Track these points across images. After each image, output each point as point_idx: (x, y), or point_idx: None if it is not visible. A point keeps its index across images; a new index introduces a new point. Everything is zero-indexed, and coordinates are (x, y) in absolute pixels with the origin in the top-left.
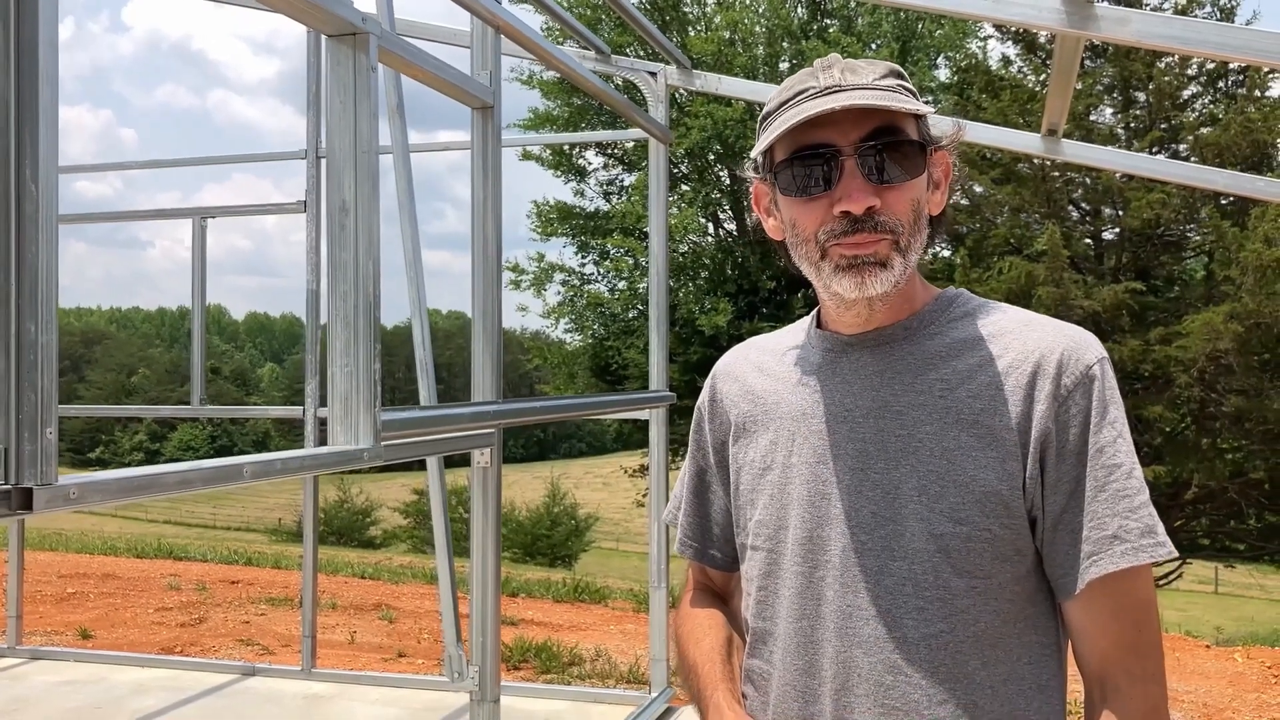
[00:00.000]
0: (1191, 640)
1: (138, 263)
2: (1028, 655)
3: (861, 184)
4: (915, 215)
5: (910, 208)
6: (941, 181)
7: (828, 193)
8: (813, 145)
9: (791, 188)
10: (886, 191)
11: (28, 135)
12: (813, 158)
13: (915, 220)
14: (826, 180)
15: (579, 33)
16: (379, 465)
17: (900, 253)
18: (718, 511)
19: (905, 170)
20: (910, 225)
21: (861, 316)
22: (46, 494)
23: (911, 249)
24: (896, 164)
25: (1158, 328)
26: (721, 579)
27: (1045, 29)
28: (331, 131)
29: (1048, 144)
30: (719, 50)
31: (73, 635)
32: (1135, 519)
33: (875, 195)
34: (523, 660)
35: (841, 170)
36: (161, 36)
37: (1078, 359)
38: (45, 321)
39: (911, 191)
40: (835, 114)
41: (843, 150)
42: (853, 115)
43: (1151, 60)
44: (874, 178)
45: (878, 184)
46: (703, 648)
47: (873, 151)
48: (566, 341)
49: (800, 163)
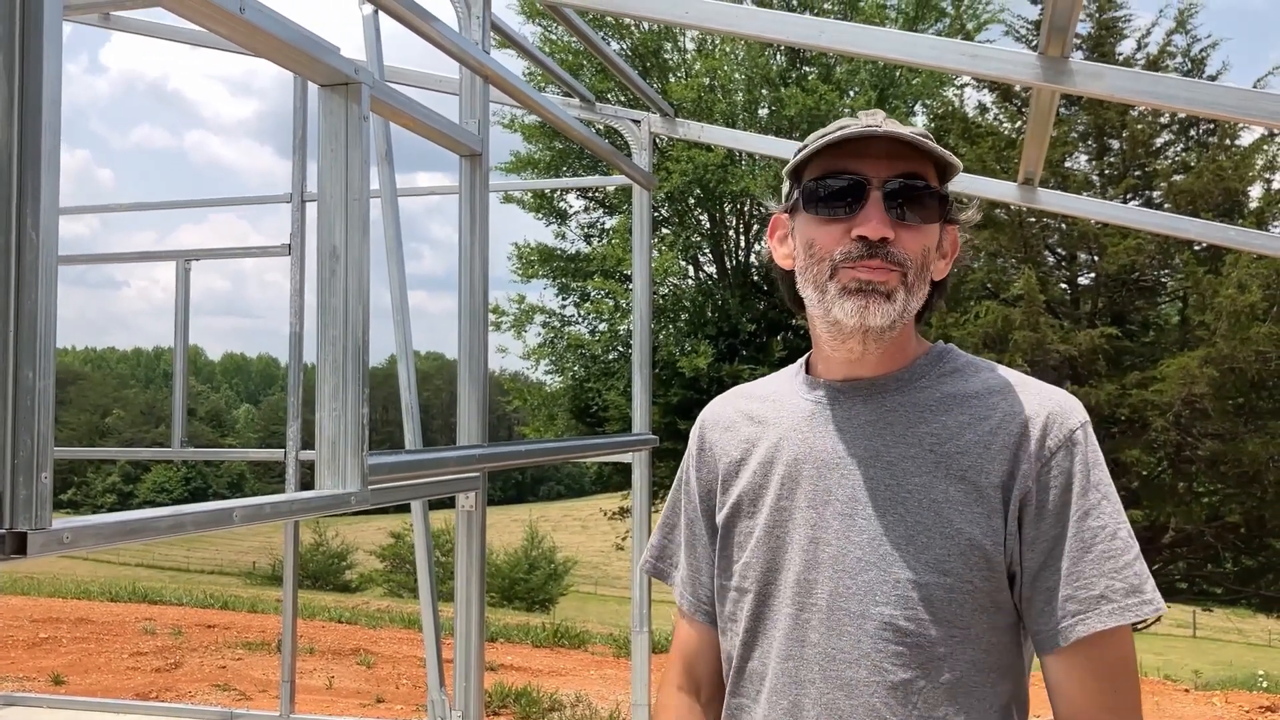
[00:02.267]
0: (1170, 684)
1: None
2: (998, 704)
3: (882, 215)
4: (923, 261)
5: (921, 251)
6: (949, 252)
7: (849, 218)
8: (843, 172)
9: (815, 207)
10: (902, 229)
11: (29, 184)
12: (841, 183)
13: (922, 266)
14: (850, 207)
15: (564, 81)
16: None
17: (906, 289)
18: (705, 562)
19: (921, 215)
20: (918, 267)
21: (855, 353)
22: (41, 538)
23: (915, 291)
24: (915, 207)
25: (1133, 372)
26: (708, 636)
27: (1022, 83)
28: (322, 179)
29: (1024, 192)
30: (699, 96)
31: (45, 681)
32: (1120, 579)
33: (891, 229)
34: (502, 706)
35: (866, 200)
36: (138, 76)
37: (1062, 422)
38: (43, 368)
39: (924, 238)
40: (869, 149)
41: (870, 182)
42: (885, 154)
43: (1125, 109)
44: (893, 214)
45: (895, 220)
46: None
47: (897, 190)
48: (546, 383)
49: (828, 186)
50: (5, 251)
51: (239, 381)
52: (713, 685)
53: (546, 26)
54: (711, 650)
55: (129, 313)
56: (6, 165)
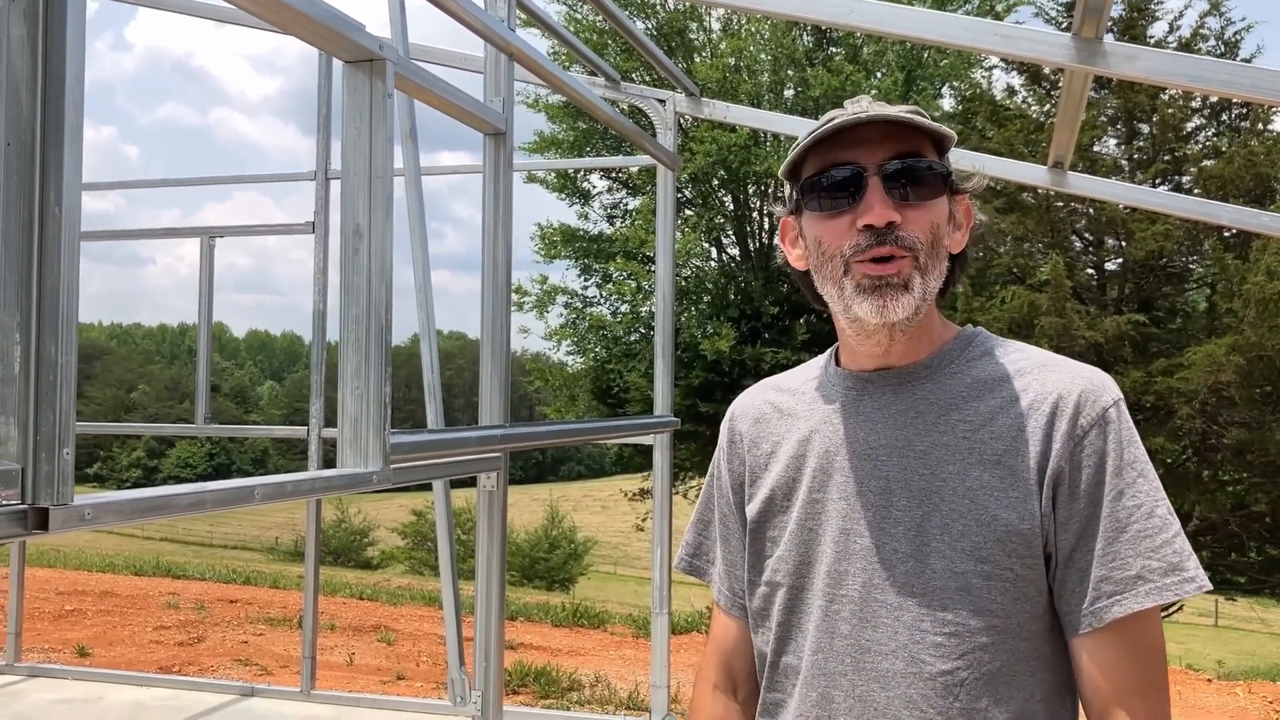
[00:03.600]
0: (1193, 674)
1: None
2: (1040, 692)
3: (883, 199)
4: (934, 239)
5: (930, 229)
6: (964, 223)
7: (851, 209)
8: (839, 164)
9: (817, 205)
10: (907, 210)
11: (52, 158)
12: (838, 175)
13: (934, 244)
14: (851, 197)
15: (590, 60)
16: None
17: (920, 273)
18: (739, 555)
19: (925, 193)
20: (929, 247)
21: (881, 346)
22: (62, 514)
23: (931, 272)
24: (917, 185)
25: (1160, 359)
26: (746, 631)
27: (1054, 65)
28: (346, 156)
29: (1054, 176)
30: (724, 77)
31: (70, 653)
32: (1158, 558)
33: (897, 211)
34: (522, 685)
35: (865, 187)
36: (163, 54)
37: (1095, 400)
38: (65, 343)
39: (931, 214)
40: (861, 136)
41: (867, 169)
42: (878, 138)
43: (1155, 93)
44: (895, 196)
45: (899, 202)
46: None
47: (896, 171)
48: (568, 364)
49: (826, 180)
50: (28, 226)
51: (263, 358)
52: (750, 683)
53: (572, 5)
54: (749, 645)
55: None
56: (30, 140)
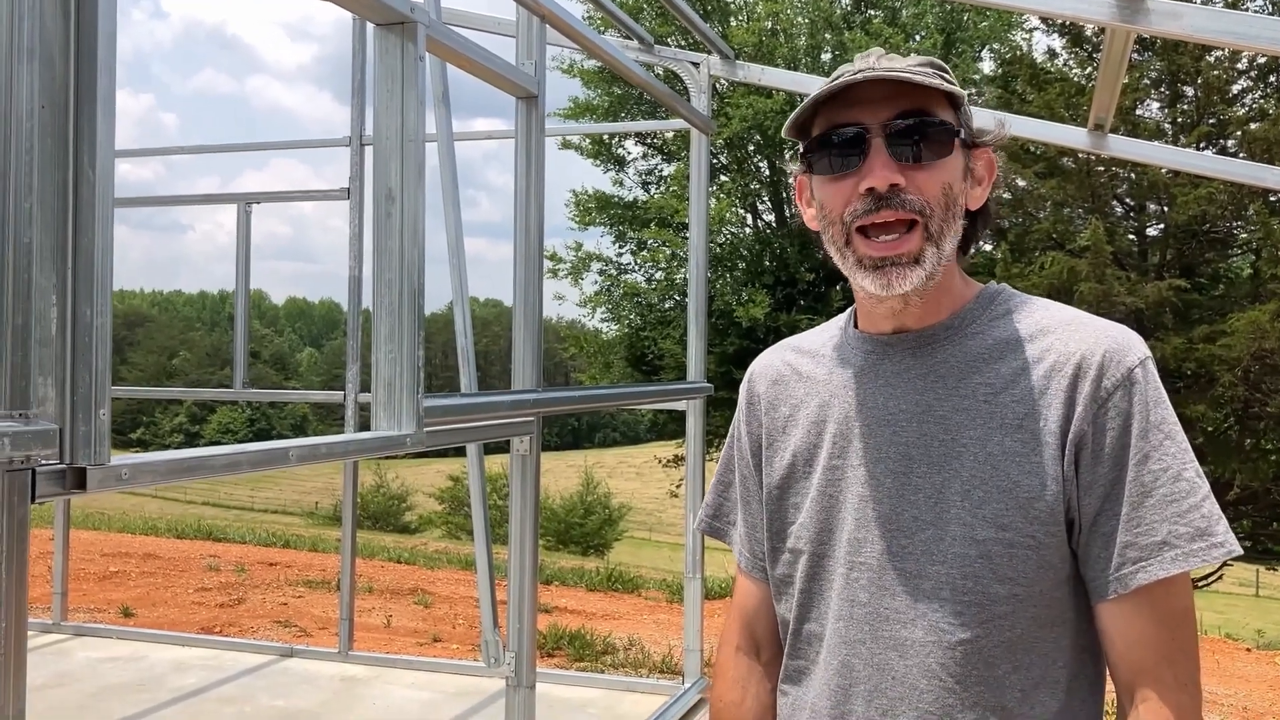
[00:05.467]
0: (1232, 643)
1: (178, 246)
2: (1063, 659)
3: (886, 160)
4: (947, 200)
5: (940, 190)
6: (984, 178)
7: (855, 172)
8: (843, 124)
9: (821, 167)
10: (914, 171)
11: (86, 122)
12: (842, 137)
13: (947, 206)
14: (855, 159)
15: (623, 23)
16: (416, 451)
17: (933, 242)
18: (759, 517)
19: (933, 151)
20: (941, 210)
21: (895, 310)
22: (99, 474)
23: (945, 237)
24: (925, 144)
25: (1202, 326)
26: (768, 593)
27: (1096, 23)
28: (378, 120)
29: (1094, 139)
30: (760, 41)
31: (114, 613)
32: (1184, 523)
33: (901, 174)
34: (556, 648)
35: (869, 149)
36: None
37: (1119, 360)
38: (100, 305)
39: (941, 174)
40: (866, 95)
41: (870, 129)
42: (883, 96)
43: (1200, 54)
44: (902, 157)
45: (906, 163)
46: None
47: (901, 131)
48: (603, 331)
49: (831, 141)
50: (63, 190)
51: (302, 325)
52: (773, 645)
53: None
54: (770, 607)
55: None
56: (64, 105)
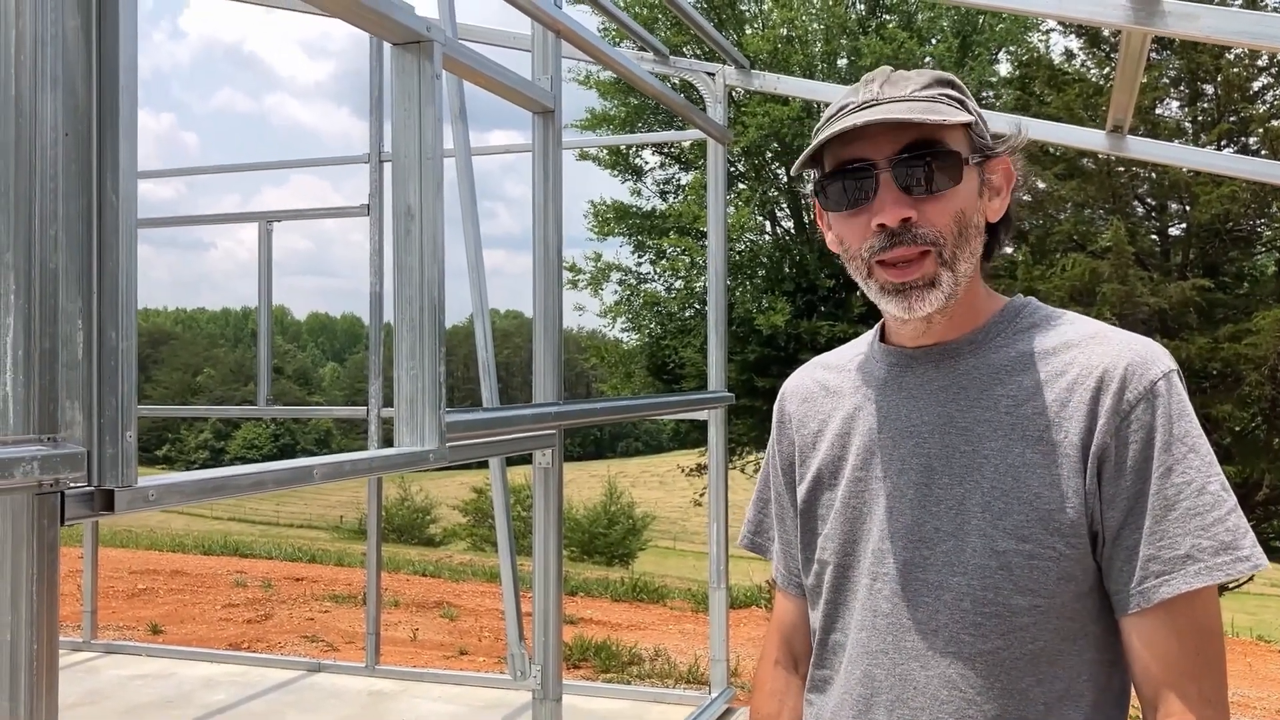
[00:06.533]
0: (1264, 645)
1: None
2: (1086, 672)
3: (896, 196)
4: (960, 226)
5: (952, 219)
6: (1003, 187)
7: (867, 207)
8: (849, 161)
9: (833, 204)
10: (925, 203)
11: (108, 148)
12: (851, 173)
13: (960, 231)
14: (865, 195)
15: (638, 35)
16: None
17: (947, 267)
18: (793, 534)
19: (943, 181)
20: (953, 237)
21: (919, 329)
22: (127, 495)
23: (959, 261)
24: (934, 175)
25: (1226, 325)
26: (804, 609)
27: (1111, 26)
28: (397, 138)
29: (1113, 141)
30: (775, 48)
31: (144, 630)
32: (1209, 537)
33: (911, 207)
34: (582, 659)
35: (878, 184)
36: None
37: (1142, 374)
38: (125, 328)
39: (953, 202)
40: (872, 129)
41: (878, 164)
42: (887, 129)
43: (1219, 52)
44: (911, 190)
45: (916, 196)
46: None
47: (907, 164)
48: (623, 340)
49: (840, 179)
50: (86, 214)
51: (324, 340)
52: (810, 658)
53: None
54: (807, 622)
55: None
56: (86, 130)
